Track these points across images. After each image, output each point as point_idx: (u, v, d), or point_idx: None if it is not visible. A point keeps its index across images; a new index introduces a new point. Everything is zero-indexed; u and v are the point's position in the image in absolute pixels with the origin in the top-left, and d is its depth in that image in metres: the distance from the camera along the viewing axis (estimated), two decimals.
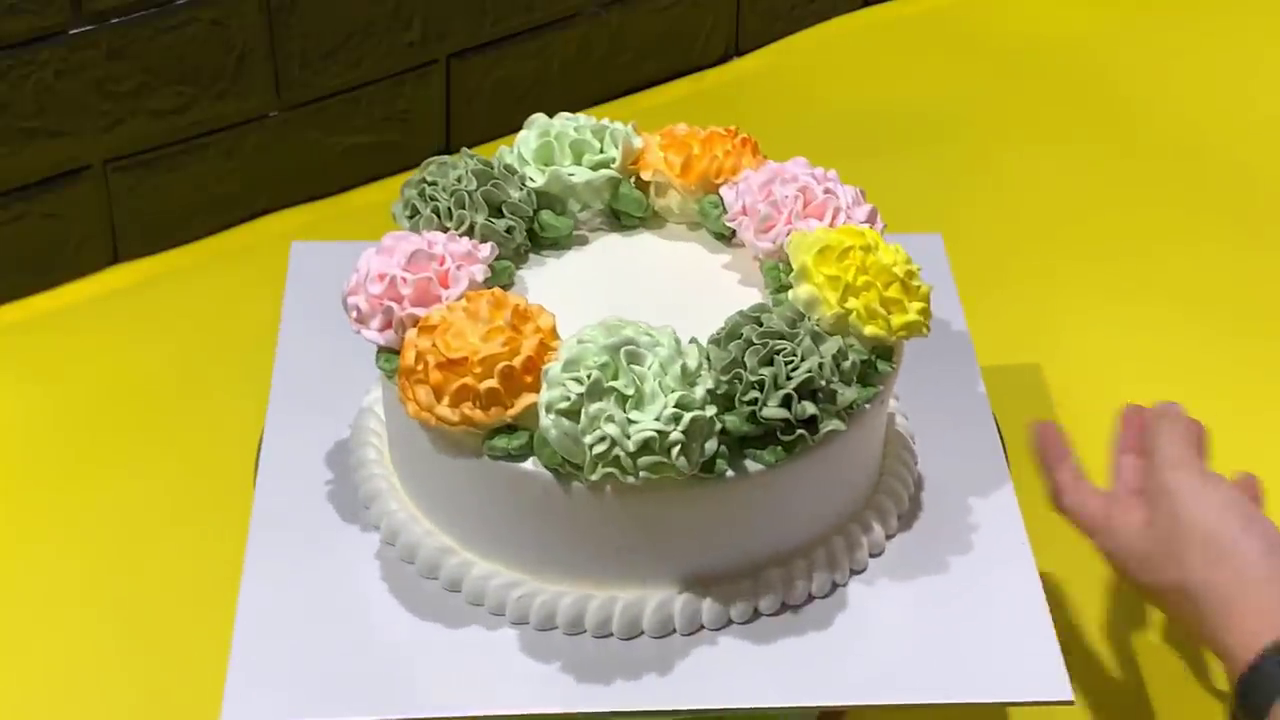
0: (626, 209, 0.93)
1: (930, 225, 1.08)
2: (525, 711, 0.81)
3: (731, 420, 0.80)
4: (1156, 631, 1.02)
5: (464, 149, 0.92)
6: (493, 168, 0.91)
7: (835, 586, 0.86)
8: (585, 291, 0.89)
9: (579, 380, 0.78)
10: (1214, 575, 0.82)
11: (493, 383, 0.79)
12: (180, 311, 1.23)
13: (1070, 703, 0.82)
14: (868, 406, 0.84)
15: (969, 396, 0.98)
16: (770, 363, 0.80)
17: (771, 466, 0.81)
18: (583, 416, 0.78)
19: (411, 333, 0.82)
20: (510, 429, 0.81)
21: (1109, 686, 0.99)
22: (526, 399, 0.80)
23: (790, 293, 0.85)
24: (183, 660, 0.97)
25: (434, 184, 0.90)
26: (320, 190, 1.33)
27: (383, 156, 1.34)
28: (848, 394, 0.81)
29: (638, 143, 0.94)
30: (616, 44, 1.42)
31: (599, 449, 0.78)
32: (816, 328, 0.83)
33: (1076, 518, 0.89)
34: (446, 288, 0.84)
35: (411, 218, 0.90)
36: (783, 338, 0.81)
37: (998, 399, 0.98)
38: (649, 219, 0.95)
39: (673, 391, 0.78)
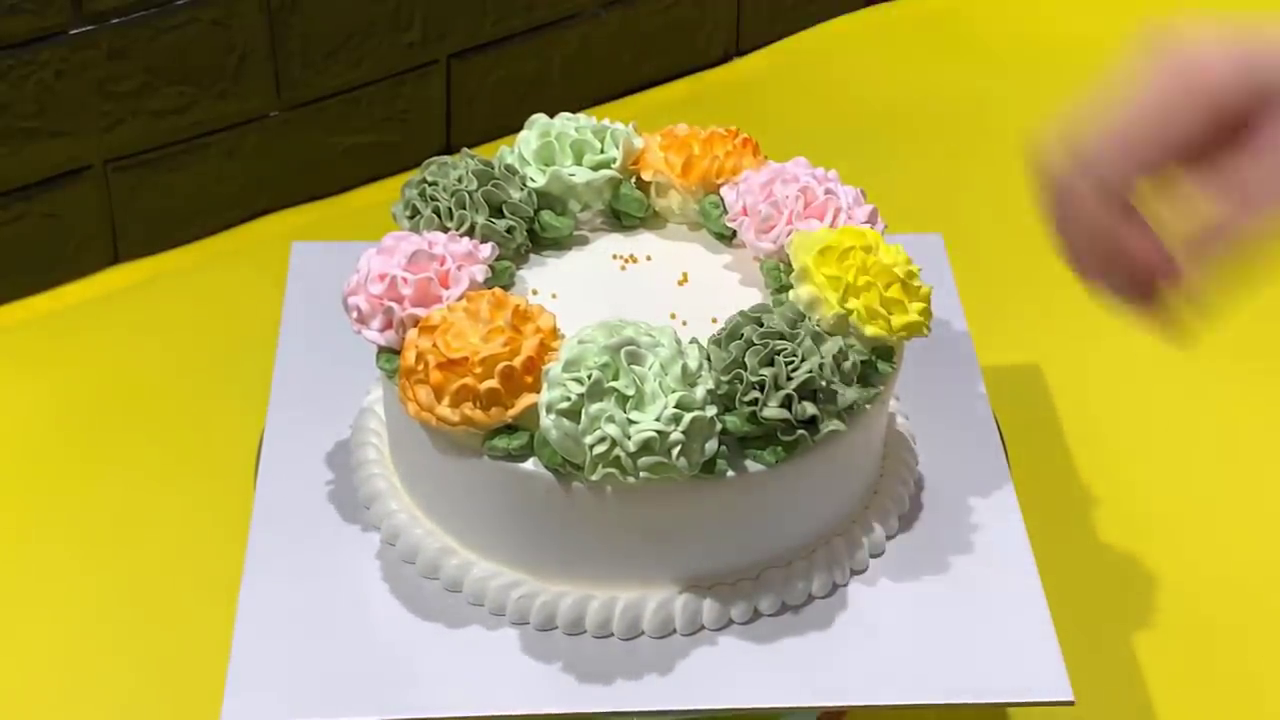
0: (627, 209, 0.93)
1: (930, 225, 1.08)
2: (525, 712, 0.81)
3: (732, 420, 0.80)
4: (1157, 631, 1.02)
5: (464, 149, 0.92)
6: (493, 168, 0.91)
7: (836, 587, 0.86)
8: (586, 291, 0.89)
9: (579, 380, 0.78)
10: None
11: (493, 383, 0.79)
12: (180, 311, 1.23)
13: (1071, 703, 0.82)
14: (868, 407, 0.84)
15: (969, 396, 0.98)
16: (771, 363, 0.80)
17: (772, 467, 0.81)
18: (583, 417, 0.78)
19: (412, 333, 0.82)
20: (510, 429, 0.81)
21: (1109, 686, 0.99)
22: (527, 399, 0.80)
23: (791, 293, 0.85)
24: (182, 660, 0.97)
25: (434, 184, 0.90)
26: (320, 190, 1.33)
27: (383, 156, 1.34)
28: (848, 394, 0.81)
29: (638, 143, 0.94)
30: (616, 44, 1.42)
31: (599, 449, 0.78)
32: (817, 328, 0.83)
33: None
34: (447, 288, 0.84)
35: (412, 218, 0.90)
36: (783, 338, 0.81)
37: (998, 399, 0.98)
38: (649, 219, 0.95)
39: (673, 392, 0.78)
